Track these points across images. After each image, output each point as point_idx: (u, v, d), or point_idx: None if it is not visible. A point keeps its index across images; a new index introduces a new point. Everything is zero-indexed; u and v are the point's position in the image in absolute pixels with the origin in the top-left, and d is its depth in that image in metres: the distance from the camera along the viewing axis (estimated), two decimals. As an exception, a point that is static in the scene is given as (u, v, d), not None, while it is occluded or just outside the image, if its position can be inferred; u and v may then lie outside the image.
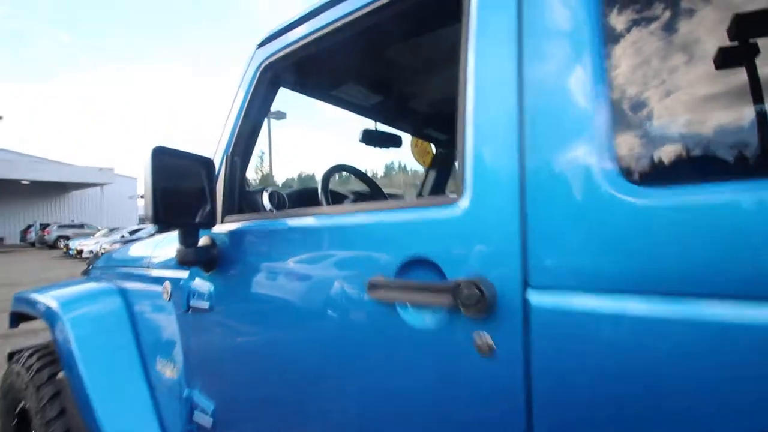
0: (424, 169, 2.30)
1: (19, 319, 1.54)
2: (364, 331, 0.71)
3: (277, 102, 1.14)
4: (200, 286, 1.03)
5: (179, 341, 1.10)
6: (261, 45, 1.01)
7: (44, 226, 22.58)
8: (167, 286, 1.14)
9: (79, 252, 14.87)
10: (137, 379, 1.21)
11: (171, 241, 1.20)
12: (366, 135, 1.65)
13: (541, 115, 0.54)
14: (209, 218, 0.94)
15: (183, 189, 0.92)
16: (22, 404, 1.35)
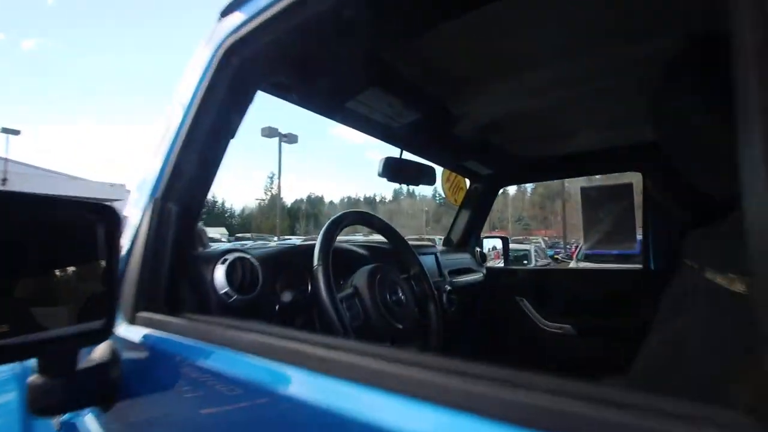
0: (456, 208, 1.87)
1: None
2: None
3: (275, 113, 0.71)
4: None
5: None
6: (225, 13, 0.60)
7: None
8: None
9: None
10: None
11: None
12: (388, 167, 1.16)
13: None
14: (105, 321, 0.50)
15: (50, 262, 0.48)
16: None
